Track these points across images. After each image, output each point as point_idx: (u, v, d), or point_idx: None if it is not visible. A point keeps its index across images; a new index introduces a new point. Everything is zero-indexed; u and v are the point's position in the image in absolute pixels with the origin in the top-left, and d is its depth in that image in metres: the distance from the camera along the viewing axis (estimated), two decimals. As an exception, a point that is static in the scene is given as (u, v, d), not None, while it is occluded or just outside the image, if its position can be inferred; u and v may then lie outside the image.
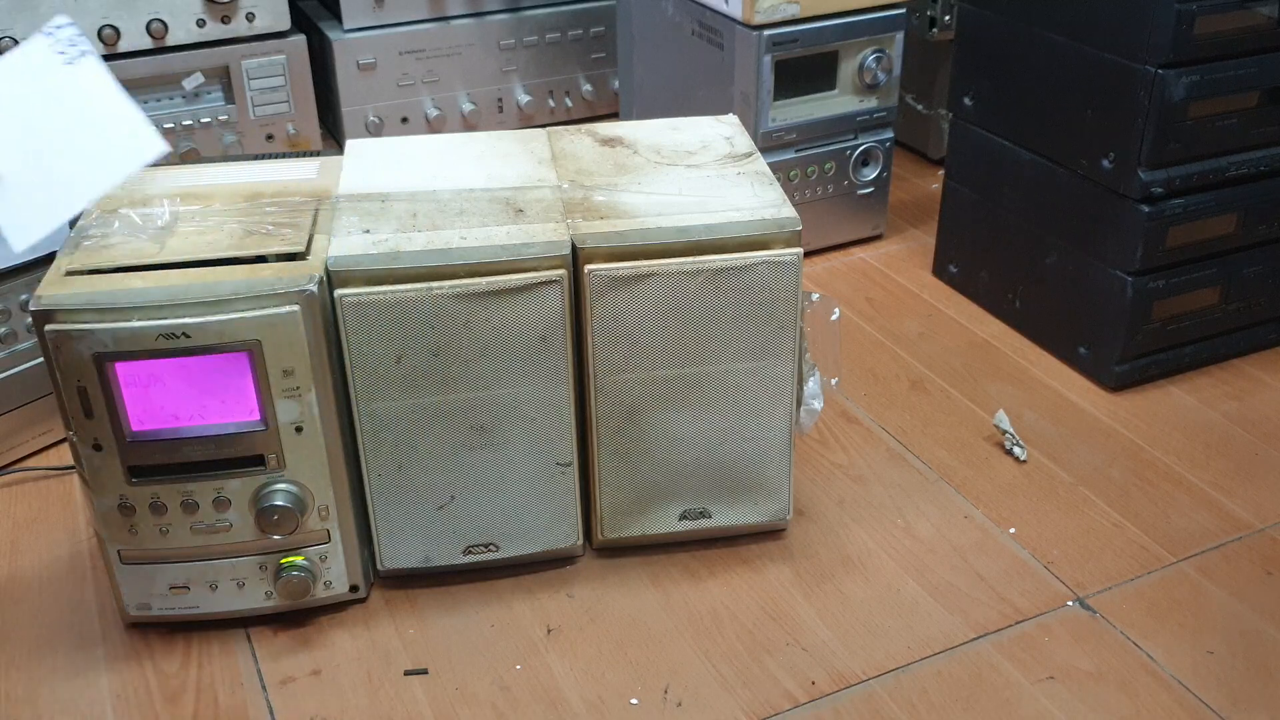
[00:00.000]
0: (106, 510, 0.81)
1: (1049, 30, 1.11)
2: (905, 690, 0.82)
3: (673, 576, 0.92)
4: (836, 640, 0.86)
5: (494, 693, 0.82)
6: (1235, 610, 0.89)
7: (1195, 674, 0.83)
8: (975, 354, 1.21)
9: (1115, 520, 0.98)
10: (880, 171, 1.38)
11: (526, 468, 0.87)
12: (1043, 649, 0.85)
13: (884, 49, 1.31)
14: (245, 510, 0.82)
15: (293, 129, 1.39)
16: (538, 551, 0.91)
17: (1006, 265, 1.23)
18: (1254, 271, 1.14)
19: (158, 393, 0.78)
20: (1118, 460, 1.05)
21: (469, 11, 1.51)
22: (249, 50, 1.34)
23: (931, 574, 0.92)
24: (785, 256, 0.83)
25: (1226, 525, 0.97)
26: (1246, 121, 1.06)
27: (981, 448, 1.06)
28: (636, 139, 0.96)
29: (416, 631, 0.87)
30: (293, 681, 0.83)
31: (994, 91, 1.20)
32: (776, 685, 0.83)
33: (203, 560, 0.84)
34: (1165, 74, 1.01)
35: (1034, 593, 0.90)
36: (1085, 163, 1.10)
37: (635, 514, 0.91)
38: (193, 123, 1.33)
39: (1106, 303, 1.11)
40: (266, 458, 0.81)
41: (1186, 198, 1.07)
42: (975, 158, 1.24)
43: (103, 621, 0.88)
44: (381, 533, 0.87)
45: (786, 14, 1.24)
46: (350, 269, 0.79)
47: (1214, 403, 1.12)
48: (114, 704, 0.82)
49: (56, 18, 0.73)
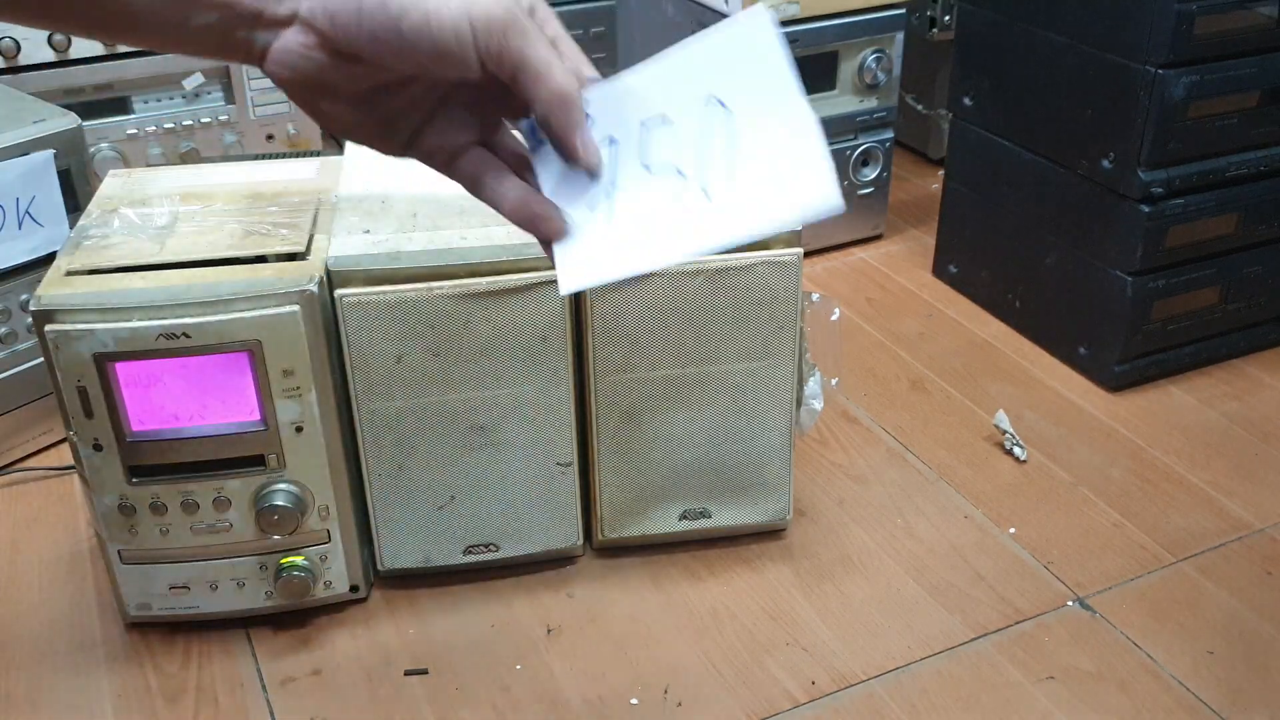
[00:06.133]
0: (106, 510, 0.81)
1: (1049, 30, 1.11)
2: (905, 690, 0.82)
3: (673, 576, 0.92)
4: (837, 640, 0.86)
5: (494, 693, 0.82)
6: (1235, 610, 0.89)
7: (1195, 674, 0.83)
8: (975, 354, 1.21)
9: (1115, 520, 0.98)
10: (880, 171, 1.38)
11: (527, 468, 0.86)
12: (1043, 649, 0.85)
13: (884, 49, 1.31)
14: (245, 510, 0.82)
15: (293, 129, 1.39)
16: (538, 551, 0.91)
17: (1006, 265, 1.23)
18: (1254, 271, 1.14)
19: (158, 393, 0.78)
20: (1118, 460, 1.05)
21: (469, 11, 1.51)
22: (249, 50, 1.34)
23: (931, 574, 0.92)
24: (785, 256, 0.83)
25: (1226, 525, 0.97)
26: (1246, 121, 1.06)
27: (981, 448, 1.06)
28: (636, 139, 0.96)
29: (416, 631, 0.87)
30: (293, 681, 0.83)
31: (994, 91, 1.20)
32: (777, 685, 0.83)
33: (203, 560, 0.84)
34: (1165, 74, 1.01)
35: (1034, 593, 0.90)
36: (1085, 163, 1.10)
37: (635, 514, 0.91)
38: (193, 123, 1.33)
39: (1106, 303, 1.11)
40: (267, 458, 0.81)
41: (1186, 197, 1.07)
42: (975, 158, 1.24)
43: (103, 621, 0.88)
44: (382, 533, 0.87)
45: (786, 14, 1.24)
46: (350, 269, 0.79)
47: (1214, 403, 1.12)
48: (114, 704, 0.82)
49: None
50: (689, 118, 0.53)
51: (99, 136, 1.28)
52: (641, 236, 0.52)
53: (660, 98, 0.53)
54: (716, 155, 0.52)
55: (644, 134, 0.53)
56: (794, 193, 0.50)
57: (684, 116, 0.53)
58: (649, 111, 0.53)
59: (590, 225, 0.53)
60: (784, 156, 0.51)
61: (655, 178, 0.53)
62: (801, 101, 0.51)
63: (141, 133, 1.31)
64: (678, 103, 0.53)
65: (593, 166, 0.52)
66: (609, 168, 0.53)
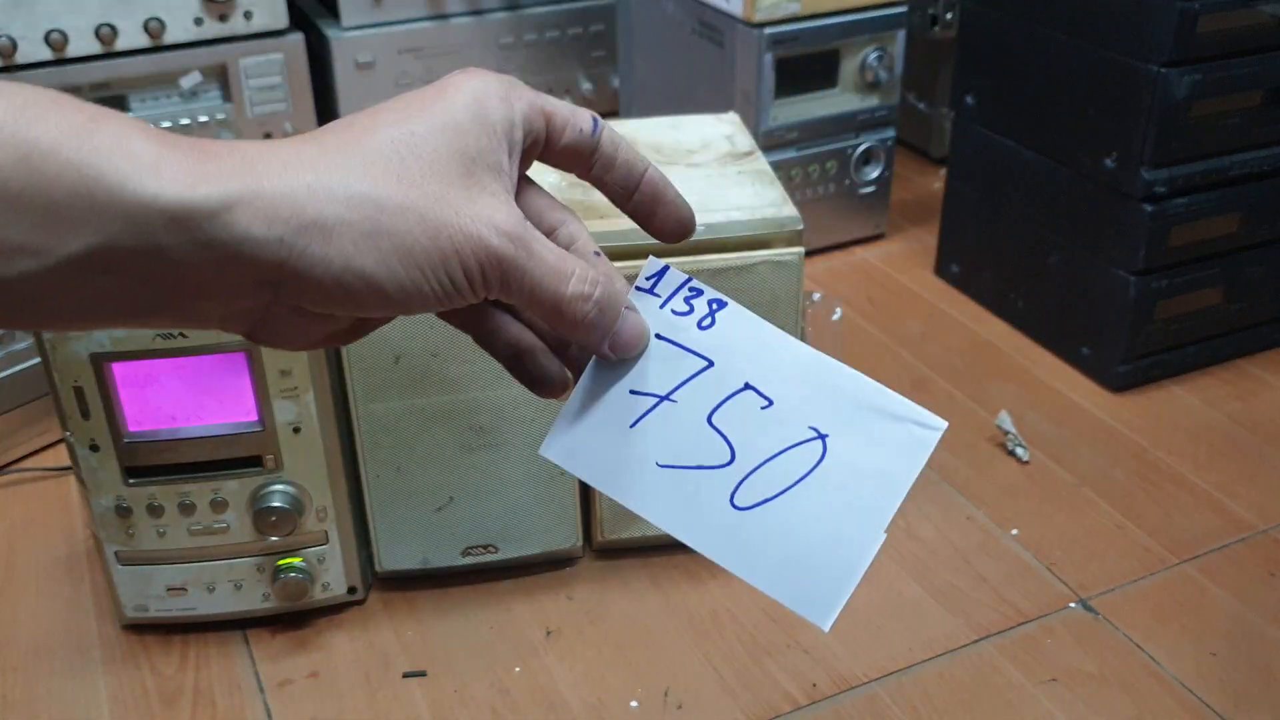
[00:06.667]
0: (103, 511, 0.81)
1: (1051, 28, 1.10)
2: (907, 692, 0.82)
3: (673, 578, 0.92)
4: (837, 642, 0.86)
5: (493, 695, 0.82)
6: (1238, 612, 0.88)
7: (1198, 676, 0.82)
8: (977, 354, 1.20)
9: (1118, 521, 0.97)
10: (882, 170, 1.38)
11: (526, 469, 0.86)
12: (1045, 651, 0.85)
13: (885, 47, 1.31)
14: (243, 511, 0.82)
15: (290, 128, 1.38)
16: (537, 553, 0.90)
17: (1009, 265, 1.23)
18: (1257, 271, 1.13)
19: (155, 393, 0.78)
20: (1120, 461, 1.04)
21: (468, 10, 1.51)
22: (246, 49, 1.33)
23: (933, 575, 0.92)
24: (786, 256, 0.83)
25: (1230, 526, 0.96)
26: (1250, 120, 1.06)
27: (984, 448, 1.06)
28: (636, 137, 0.95)
29: (415, 633, 0.87)
30: (290, 684, 0.83)
31: (996, 90, 1.19)
32: (777, 687, 0.82)
33: (200, 561, 0.83)
34: (1168, 73, 1.00)
35: (1036, 594, 0.90)
36: (1088, 162, 1.09)
37: (635, 515, 0.90)
38: (190, 122, 1.33)
39: (1109, 302, 1.11)
40: (264, 458, 0.80)
41: (1189, 197, 1.06)
42: (977, 157, 1.24)
43: (100, 623, 0.88)
44: (380, 534, 0.87)
45: (787, 12, 1.24)
46: (348, 269, 0.79)
47: (1217, 403, 1.12)
48: (111, 706, 0.81)
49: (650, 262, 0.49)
50: (788, 426, 0.46)
51: (97, 135, 1.28)
52: (641, 471, 0.47)
53: (787, 382, 0.47)
54: (776, 481, 0.46)
55: (740, 392, 0.47)
56: (801, 583, 0.46)
57: (786, 420, 0.46)
58: (767, 381, 0.47)
59: (611, 411, 0.47)
60: (824, 550, 0.46)
61: (705, 433, 0.47)
62: (882, 530, 0.46)
63: (139, 131, 1.31)
64: (795, 405, 0.46)
65: (629, 352, 0.46)
66: (681, 376, 0.47)
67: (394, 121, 0.40)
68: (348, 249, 0.38)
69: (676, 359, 0.47)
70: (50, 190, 0.35)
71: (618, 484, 0.47)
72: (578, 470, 0.48)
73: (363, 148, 0.39)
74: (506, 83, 0.42)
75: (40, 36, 1.22)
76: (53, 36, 1.22)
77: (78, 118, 0.35)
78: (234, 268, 0.37)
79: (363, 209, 0.38)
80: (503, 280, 0.41)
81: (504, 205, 0.41)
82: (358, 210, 0.38)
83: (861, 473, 0.46)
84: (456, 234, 0.39)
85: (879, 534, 0.46)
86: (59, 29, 1.22)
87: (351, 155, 0.39)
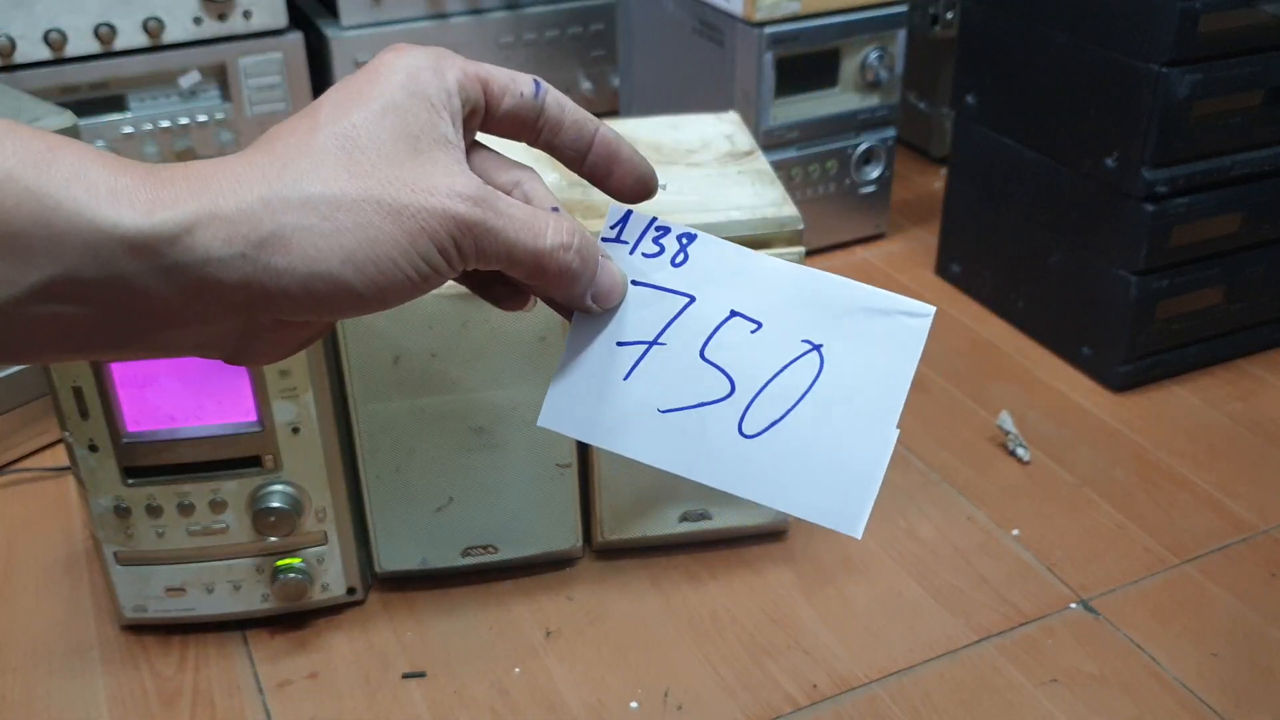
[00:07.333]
0: (102, 511, 0.80)
1: (1052, 28, 1.10)
2: (907, 693, 0.81)
3: (673, 579, 0.91)
4: (838, 643, 0.85)
5: (493, 696, 0.82)
6: (1240, 612, 0.88)
7: (1199, 677, 0.82)
8: (978, 354, 1.20)
9: (1119, 522, 0.97)
10: (882, 170, 1.38)
11: (525, 469, 0.86)
12: (1046, 651, 0.85)
13: (886, 46, 1.30)
14: (242, 512, 0.82)
15: (291, 127, 1.39)
16: (537, 554, 0.90)
17: (1009, 265, 1.23)
18: (1258, 271, 1.13)
19: (153, 393, 0.77)
20: (1121, 461, 1.04)
21: (468, 9, 1.50)
22: (245, 48, 1.33)
23: (934, 576, 0.91)
24: (787, 255, 0.82)
25: (1231, 527, 0.96)
26: (1251, 120, 1.06)
27: (984, 449, 1.06)
28: (636, 137, 0.95)
29: (414, 634, 0.87)
30: (290, 684, 0.83)
31: (997, 90, 1.19)
32: (778, 688, 0.82)
33: (199, 562, 0.83)
34: (1169, 72, 1.00)
35: (1037, 595, 0.90)
36: (1089, 161, 1.09)
37: (635, 516, 0.91)
38: (189, 121, 1.33)
39: (1110, 302, 1.11)
40: (263, 459, 0.80)
41: (1190, 197, 1.06)
42: (978, 156, 1.23)
43: (98, 624, 0.88)
44: (379, 535, 0.87)
45: (787, 11, 1.23)
46: (347, 268, 0.79)
47: (1219, 403, 1.12)
48: (110, 707, 0.81)
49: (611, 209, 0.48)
50: (781, 345, 0.46)
51: (95, 135, 1.28)
52: (644, 421, 0.46)
53: (771, 301, 0.46)
54: (779, 402, 0.46)
55: (727, 321, 0.46)
56: (824, 496, 0.45)
57: (778, 339, 0.46)
58: (751, 305, 0.46)
59: (602, 367, 0.46)
60: (841, 459, 0.45)
61: (700, 369, 0.46)
62: (893, 427, 0.45)
63: (137, 131, 1.31)
64: (784, 322, 0.46)
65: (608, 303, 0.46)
66: (665, 317, 0.46)
67: (334, 116, 0.39)
68: (310, 254, 0.38)
69: (657, 301, 0.47)
70: (9, 219, 0.34)
71: (623, 439, 0.47)
72: (580, 433, 0.47)
73: (310, 148, 0.39)
74: (436, 54, 0.42)
75: (39, 36, 1.21)
76: (52, 36, 1.22)
77: (36, 145, 0.35)
78: (200, 291, 0.37)
79: (319, 210, 0.38)
80: (477, 246, 0.40)
81: (460, 173, 0.40)
82: (315, 213, 0.38)
83: (862, 375, 0.46)
84: (419, 212, 0.39)
85: (891, 431, 0.45)
86: (58, 28, 1.22)
87: (300, 158, 0.38)
